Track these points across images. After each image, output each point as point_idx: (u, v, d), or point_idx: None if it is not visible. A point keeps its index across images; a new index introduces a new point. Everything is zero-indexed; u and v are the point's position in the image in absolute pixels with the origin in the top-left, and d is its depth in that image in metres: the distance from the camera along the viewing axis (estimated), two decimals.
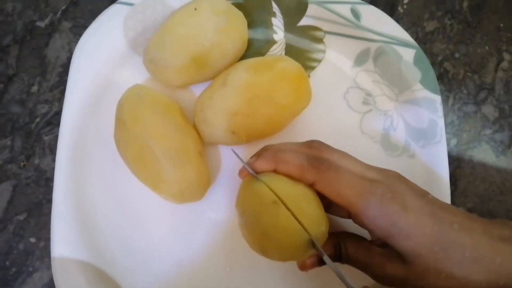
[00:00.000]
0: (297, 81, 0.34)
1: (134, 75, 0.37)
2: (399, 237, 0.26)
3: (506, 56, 0.42)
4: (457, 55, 0.42)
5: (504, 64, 0.42)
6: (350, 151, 0.31)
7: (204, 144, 0.35)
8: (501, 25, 0.43)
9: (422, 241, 0.26)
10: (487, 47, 0.42)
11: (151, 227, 0.35)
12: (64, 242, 0.33)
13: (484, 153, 0.40)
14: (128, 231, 0.34)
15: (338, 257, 0.30)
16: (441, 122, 0.37)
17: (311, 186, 0.28)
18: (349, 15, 0.38)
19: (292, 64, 0.34)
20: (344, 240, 0.30)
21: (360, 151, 0.32)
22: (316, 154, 0.28)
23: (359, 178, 0.27)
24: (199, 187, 0.33)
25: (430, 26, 0.42)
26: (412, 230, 0.26)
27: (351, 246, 0.29)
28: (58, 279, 0.32)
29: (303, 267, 0.30)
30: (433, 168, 0.36)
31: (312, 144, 0.29)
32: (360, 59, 0.39)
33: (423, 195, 0.28)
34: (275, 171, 0.29)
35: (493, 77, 0.42)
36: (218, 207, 0.36)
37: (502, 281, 0.25)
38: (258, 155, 0.30)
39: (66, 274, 0.32)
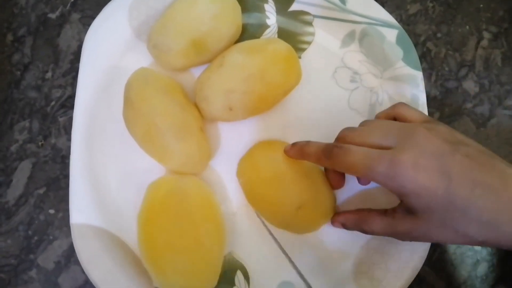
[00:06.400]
0: (287, 60, 0.36)
1: (139, 60, 0.39)
2: (410, 196, 0.28)
3: (486, 34, 0.45)
4: (439, 35, 0.45)
5: (484, 42, 0.45)
6: (339, 126, 0.34)
7: (205, 121, 0.37)
8: (481, 5, 0.45)
9: (434, 201, 0.27)
10: (467, 27, 0.45)
11: None
12: (81, 211, 0.35)
13: (465, 125, 0.42)
14: (138, 200, 0.37)
15: (362, 232, 0.33)
16: (422, 96, 0.39)
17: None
18: None
19: (282, 45, 0.36)
20: (367, 219, 0.32)
21: (348, 125, 0.34)
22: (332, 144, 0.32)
23: (367, 151, 0.29)
24: (200, 159, 0.36)
25: (413, 8, 0.45)
26: (422, 191, 0.27)
27: (375, 222, 0.32)
28: (77, 244, 0.35)
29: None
30: None
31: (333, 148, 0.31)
32: (346, 41, 0.41)
33: (445, 154, 0.27)
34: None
35: (473, 55, 0.44)
36: (217, 180, 0.38)
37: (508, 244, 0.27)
38: (292, 145, 0.35)
39: (84, 239, 0.35)
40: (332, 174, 0.35)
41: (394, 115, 0.34)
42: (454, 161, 0.27)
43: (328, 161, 0.31)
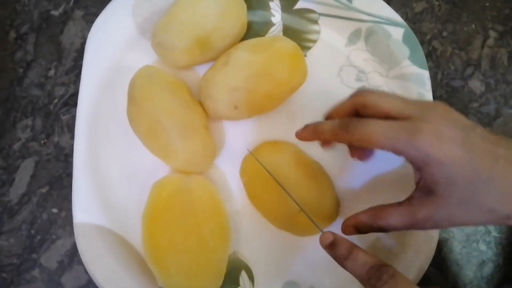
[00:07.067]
0: (293, 58, 0.36)
1: (143, 57, 0.39)
2: (432, 166, 0.26)
3: (492, 33, 0.44)
4: (444, 33, 0.44)
5: (490, 41, 0.44)
6: None
7: (209, 119, 0.37)
8: (487, 4, 0.45)
9: (457, 171, 0.26)
10: (473, 26, 0.45)
11: None
12: (84, 210, 0.35)
13: None
14: (142, 199, 0.36)
15: (380, 229, 0.30)
16: (429, 95, 0.39)
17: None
18: None
19: (288, 43, 0.36)
20: (382, 213, 0.29)
21: None
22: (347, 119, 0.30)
23: (387, 121, 0.28)
24: (205, 157, 0.36)
25: (419, 6, 0.45)
26: (445, 159, 0.26)
27: (392, 215, 0.29)
28: (80, 243, 0.34)
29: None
30: None
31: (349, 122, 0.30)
32: (352, 39, 0.41)
33: (465, 127, 0.27)
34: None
35: (479, 54, 0.44)
36: (222, 179, 0.38)
37: None
38: (303, 127, 0.32)
39: (87, 238, 0.35)
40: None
41: (356, 107, 0.31)
42: (475, 134, 0.26)
43: (345, 133, 0.29)
